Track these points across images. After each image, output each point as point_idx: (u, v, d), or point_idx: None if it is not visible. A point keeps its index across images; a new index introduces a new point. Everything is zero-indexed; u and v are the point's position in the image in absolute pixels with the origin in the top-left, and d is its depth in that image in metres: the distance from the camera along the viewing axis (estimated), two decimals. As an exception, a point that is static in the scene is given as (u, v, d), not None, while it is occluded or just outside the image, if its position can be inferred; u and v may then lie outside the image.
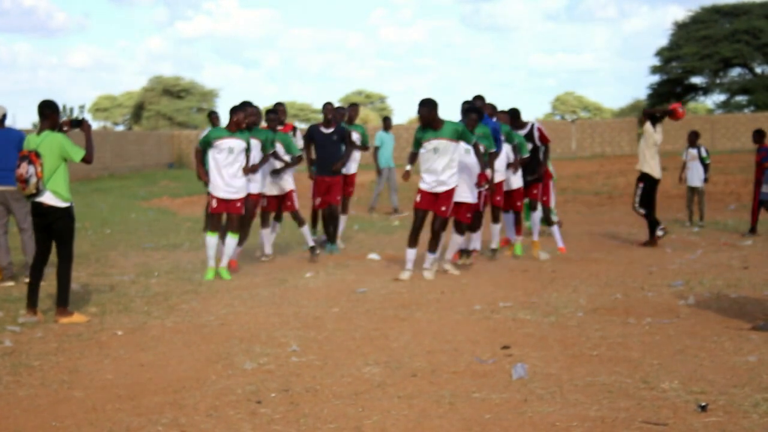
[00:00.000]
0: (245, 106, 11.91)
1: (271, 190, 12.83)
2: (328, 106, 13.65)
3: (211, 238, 11.59)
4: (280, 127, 13.02)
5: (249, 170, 11.60)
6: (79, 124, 9.34)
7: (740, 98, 59.77)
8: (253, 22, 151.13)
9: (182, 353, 7.68)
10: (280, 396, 6.37)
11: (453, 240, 11.93)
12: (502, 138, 12.39)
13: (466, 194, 11.57)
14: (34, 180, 8.77)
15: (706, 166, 16.71)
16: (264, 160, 12.24)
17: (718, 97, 62.39)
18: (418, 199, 11.32)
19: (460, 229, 11.81)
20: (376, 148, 20.08)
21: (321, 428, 5.68)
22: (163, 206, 24.04)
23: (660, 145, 14.19)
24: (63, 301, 9.13)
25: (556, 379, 6.62)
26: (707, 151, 17.00)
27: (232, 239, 11.74)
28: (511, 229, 13.26)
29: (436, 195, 11.18)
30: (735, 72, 60.45)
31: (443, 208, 11.18)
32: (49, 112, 9.08)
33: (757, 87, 57.19)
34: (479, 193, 11.91)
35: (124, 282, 11.41)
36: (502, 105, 12.39)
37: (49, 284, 10.45)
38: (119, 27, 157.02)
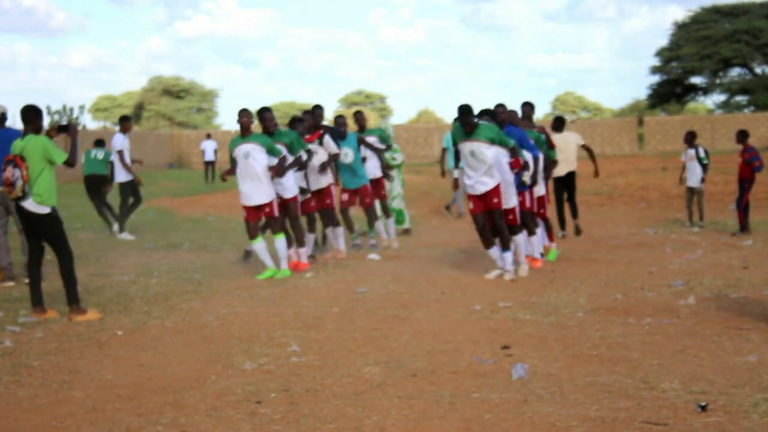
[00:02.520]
0: (263, 111, 11.90)
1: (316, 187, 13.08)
2: (317, 111, 13.56)
3: (256, 245, 11.75)
4: (307, 136, 12.98)
5: (275, 173, 11.68)
6: (66, 129, 9.43)
7: (740, 98, 59.85)
8: (252, 22, 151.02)
9: (182, 353, 7.68)
10: (280, 396, 6.37)
11: (514, 242, 11.60)
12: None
13: (508, 201, 11.47)
14: (20, 183, 8.93)
15: (704, 167, 16.72)
16: (295, 162, 12.21)
17: (718, 98, 62.56)
18: (471, 205, 11.30)
19: (513, 231, 11.54)
20: (444, 150, 19.10)
21: (321, 428, 5.67)
22: (163, 206, 24.04)
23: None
24: (73, 300, 9.21)
25: (556, 379, 6.62)
26: (706, 152, 17.00)
27: (278, 240, 11.83)
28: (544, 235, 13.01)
29: (483, 195, 11.15)
30: (735, 72, 60.53)
31: (495, 200, 11.12)
32: (32, 116, 9.27)
33: (757, 87, 57.24)
34: (523, 194, 11.84)
35: (124, 282, 11.42)
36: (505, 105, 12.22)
37: (48, 284, 10.46)
38: (119, 27, 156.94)
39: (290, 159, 12.02)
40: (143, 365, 7.33)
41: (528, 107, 12.93)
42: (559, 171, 15.46)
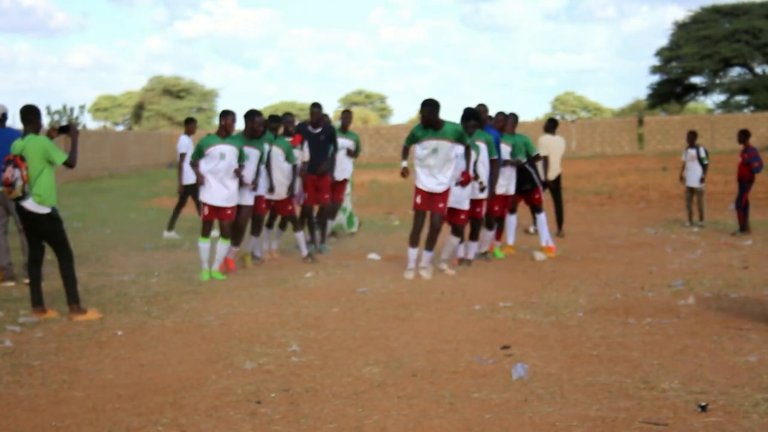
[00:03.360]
0: (252, 115, 11.90)
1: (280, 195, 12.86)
2: (314, 109, 13.66)
3: (203, 243, 11.66)
4: (288, 138, 12.97)
5: (238, 175, 11.64)
6: (66, 129, 9.44)
7: (740, 98, 59.89)
8: (252, 22, 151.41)
9: (182, 353, 7.68)
10: (280, 396, 6.37)
11: (449, 241, 11.99)
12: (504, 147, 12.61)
13: (463, 202, 11.69)
14: (20, 183, 8.94)
15: (704, 167, 16.72)
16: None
17: (718, 97, 62.64)
18: (418, 200, 11.32)
19: (457, 231, 11.85)
20: None
21: (321, 428, 5.67)
22: (164, 206, 24.03)
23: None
24: (73, 300, 9.22)
25: (556, 379, 6.62)
26: (706, 152, 16.99)
27: (223, 245, 11.75)
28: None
29: (431, 194, 11.24)
30: (735, 72, 60.58)
31: (440, 205, 11.23)
32: (31, 116, 9.28)
33: (756, 87, 57.25)
34: (480, 201, 12.06)
35: (125, 282, 11.42)
36: (502, 105, 12.41)
37: (48, 284, 10.46)
38: (119, 27, 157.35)
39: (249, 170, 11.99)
40: (143, 365, 7.33)
41: (512, 118, 13.17)
42: (550, 175, 15.67)
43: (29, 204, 9.10)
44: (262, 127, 11.99)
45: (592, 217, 19.39)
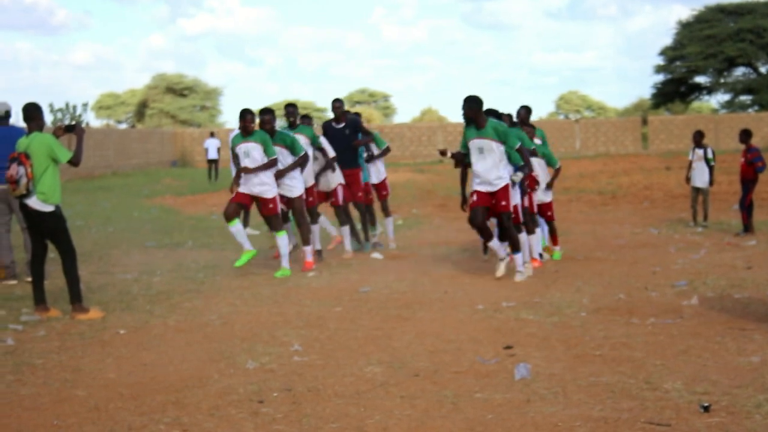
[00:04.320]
0: (264, 112, 12.03)
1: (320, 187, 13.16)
2: (336, 104, 13.68)
3: (233, 227, 11.70)
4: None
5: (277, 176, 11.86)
6: (72, 128, 9.46)
7: (744, 98, 59.86)
8: (254, 19, 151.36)
9: (184, 352, 7.69)
10: (283, 395, 6.37)
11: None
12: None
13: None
14: (24, 181, 8.96)
15: (710, 168, 16.70)
16: (297, 163, 12.30)
17: (723, 97, 62.54)
18: (474, 198, 11.07)
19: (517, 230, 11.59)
20: None
21: (323, 428, 5.68)
22: (166, 204, 24.08)
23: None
24: (76, 298, 9.25)
25: (559, 379, 6.62)
26: (713, 153, 16.98)
27: (280, 238, 11.88)
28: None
29: (491, 194, 11.01)
30: (739, 71, 60.55)
31: (503, 203, 10.96)
32: (35, 114, 9.32)
33: (761, 86, 57.23)
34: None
35: (127, 280, 11.44)
36: (505, 103, 12.33)
37: (51, 283, 10.47)
38: (121, 24, 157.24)
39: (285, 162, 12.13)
40: (146, 364, 7.34)
41: (524, 111, 13.04)
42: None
43: (33, 202, 9.11)
44: (269, 125, 12.06)
45: (595, 216, 19.38)
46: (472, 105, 10.84)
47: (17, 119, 13.35)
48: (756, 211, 15.99)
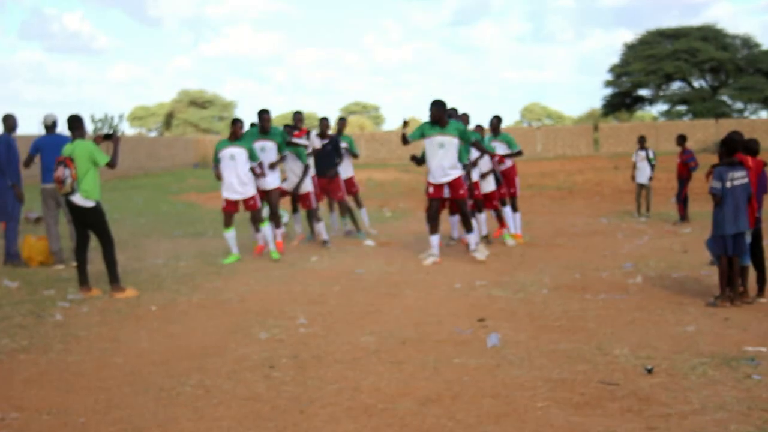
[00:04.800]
0: (261, 113, 11.98)
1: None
2: (323, 122, 13.61)
3: (228, 233, 11.61)
4: (296, 132, 12.97)
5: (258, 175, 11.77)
6: (110, 137, 9.42)
7: (680, 107, 59.81)
8: (264, 42, 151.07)
9: (206, 325, 7.67)
10: (290, 362, 6.36)
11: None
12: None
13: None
14: (69, 181, 8.94)
15: (652, 167, 16.71)
16: (281, 160, 12.29)
17: (662, 107, 62.45)
18: (431, 190, 11.10)
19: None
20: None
21: (325, 388, 5.67)
22: (190, 200, 23.98)
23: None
24: (114, 279, 9.23)
25: (524, 347, 6.62)
26: (654, 154, 17.00)
27: (265, 228, 11.74)
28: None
29: (446, 185, 11.04)
30: (676, 85, 60.48)
31: (461, 191, 11.01)
32: (78, 124, 9.32)
33: (694, 98, 57.36)
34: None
35: (157, 265, 11.39)
36: (478, 113, 12.43)
37: (92, 267, 10.42)
38: (152, 48, 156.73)
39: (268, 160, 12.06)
40: (173, 335, 7.32)
41: (496, 120, 13.28)
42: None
43: (77, 198, 9.09)
44: (268, 123, 12.07)
45: (554, 208, 19.36)
46: (440, 108, 10.88)
47: (63, 128, 13.37)
48: (690, 204, 16.01)
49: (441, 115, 10.87)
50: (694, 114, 56.62)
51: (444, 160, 10.92)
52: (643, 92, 61.21)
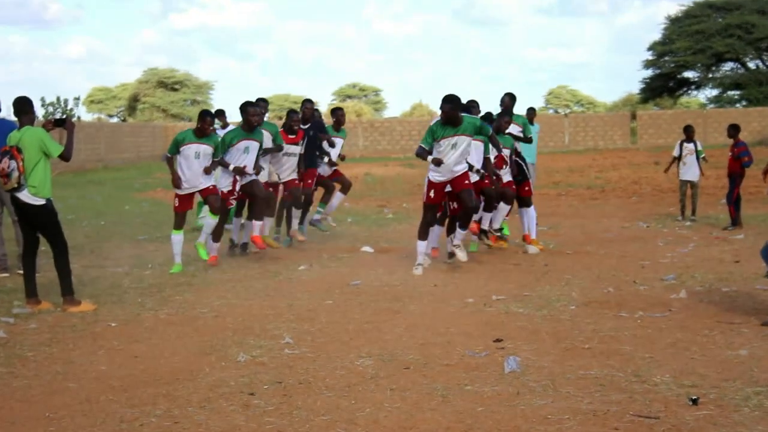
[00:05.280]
0: (245, 106, 12.00)
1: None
2: (307, 104, 13.95)
3: (176, 236, 11.80)
4: (291, 137, 13.13)
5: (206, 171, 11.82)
6: (62, 122, 9.40)
7: (732, 93, 59.87)
8: (246, 13, 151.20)
9: (176, 345, 7.68)
10: (273, 388, 6.36)
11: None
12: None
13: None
14: (15, 174, 8.93)
15: (702, 160, 16.72)
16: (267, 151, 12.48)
17: (711, 92, 62.56)
18: (432, 194, 11.22)
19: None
20: None
21: (314, 420, 5.67)
22: (158, 198, 24.01)
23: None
24: (67, 291, 9.23)
25: (548, 372, 6.62)
26: (702, 146, 17.02)
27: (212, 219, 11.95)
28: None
29: (450, 182, 11.16)
30: (727, 66, 60.56)
31: (466, 182, 11.13)
32: (28, 108, 9.28)
33: (749, 82, 57.27)
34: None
35: (118, 273, 11.40)
36: (495, 98, 12.44)
37: (42, 276, 10.42)
38: (113, 18, 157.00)
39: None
40: (137, 357, 7.32)
41: (508, 98, 13.44)
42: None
43: (24, 195, 9.08)
44: (256, 117, 12.04)
45: (584, 210, 19.39)
46: (455, 106, 10.85)
47: (8, 113, 13.31)
48: (743, 206, 16.01)
49: (455, 114, 10.85)
50: (749, 100, 56.69)
51: (452, 158, 10.99)
52: (689, 74, 61.35)
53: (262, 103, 12.95)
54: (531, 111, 19.12)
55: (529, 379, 6.45)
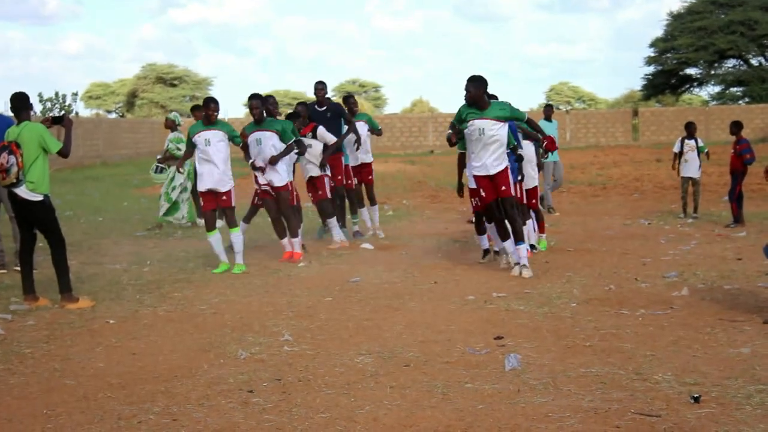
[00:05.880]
0: (251, 98, 11.85)
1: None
2: (318, 86, 13.79)
3: (212, 237, 11.45)
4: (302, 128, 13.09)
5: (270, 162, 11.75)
6: (60, 120, 9.40)
7: (735, 90, 59.77)
8: (246, 9, 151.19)
9: (174, 342, 7.68)
10: (273, 385, 6.36)
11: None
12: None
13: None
14: (14, 170, 8.93)
15: (704, 156, 16.72)
16: (286, 151, 11.99)
17: (713, 89, 62.43)
18: (477, 202, 10.89)
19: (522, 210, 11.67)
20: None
21: (313, 418, 5.67)
22: (156, 195, 23.96)
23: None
24: (65, 287, 9.24)
25: (549, 370, 6.62)
26: (703, 143, 17.02)
27: (234, 234, 11.53)
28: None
29: (490, 178, 10.65)
30: (730, 63, 60.46)
31: (504, 188, 10.64)
32: (24, 104, 9.32)
33: (752, 79, 57.17)
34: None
35: (117, 270, 11.40)
36: (497, 94, 12.07)
37: (40, 272, 10.43)
38: (112, 14, 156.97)
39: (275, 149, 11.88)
40: (135, 354, 7.32)
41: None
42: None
43: (22, 191, 9.08)
44: (255, 110, 11.81)
45: (585, 208, 19.39)
46: (479, 85, 10.52)
47: (5, 108, 13.21)
48: (746, 203, 16.01)
49: (481, 95, 10.52)
50: (752, 97, 56.61)
51: (485, 149, 10.55)
52: (691, 71, 61.24)
53: (271, 99, 12.92)
54: (549, 108, 19.16)
55: (530, 377, 6.44)
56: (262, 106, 11.88)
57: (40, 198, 9.15)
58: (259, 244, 13.67)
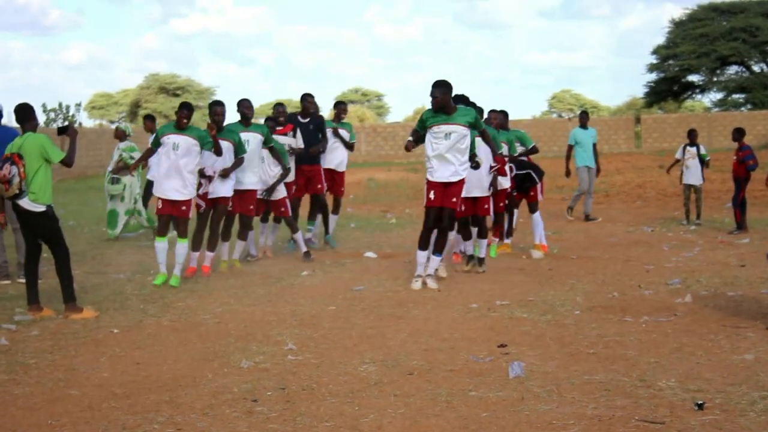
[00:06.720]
0: (213, 105, 11.75)
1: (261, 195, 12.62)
2: (308, 98, 13.78)
3: (159, 243, 11.25)
4: (279, 128, 13.00)
5: (222, 173, 11.49)
6: (65, 130, 9.42)
7: (737, 96, 59.80)
8: (247, 19, 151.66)
9: (178, 351, 7.68)
10: (277, 394, 6.37)
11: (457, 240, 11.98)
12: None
13: (480, 189, 11.56)
14: (17, 180, 8.94)
15: (705, 164, 16.72)
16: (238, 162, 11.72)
17: (715, 96, 62.47)
18: (431, 196, 10.58)
19: (477, 222, 11.71)
20: (570, 147, 18.74)
21: (317, 427, 5.67)
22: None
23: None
24: (70, 298, 9.23)
25: (553, 378, 6.62)
26: (705, 150, 17.03)
27: (180, 245, 11.31)
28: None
29: (446, 186, 10.49)
30: (732, 70, 60.46)
31: (454, 200, 10.53)
32: (28, 114, 9.32)
33: (754, 85, 57.22)
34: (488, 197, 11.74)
35: (120, 280, 11.40)
36: (498, 102, 12.21)
37: (44, 282, 10.43)
38: (114, 24, 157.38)
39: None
40: (139, 363, 7.32)
41: (502, 116, 13.13)
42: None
43: (25, 202, 9.09)
44: (220, 116, 11.58)
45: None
46: (445, 90, 10.44)
47: (9, 120, 13.28)
48: (749, 209, 16.00)
49: (447, 101, 10.45)
50: (754, 104, 56.63)
51: (448, 152, 10.42)
52: (694, 78, 61.24)
53: (281, 108, 13.24)
54: (584, 115, 18.93)
55: (534, 385, 6.44)
56: (224, 114, 11.66)
57: (42, 209, 9.15)
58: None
